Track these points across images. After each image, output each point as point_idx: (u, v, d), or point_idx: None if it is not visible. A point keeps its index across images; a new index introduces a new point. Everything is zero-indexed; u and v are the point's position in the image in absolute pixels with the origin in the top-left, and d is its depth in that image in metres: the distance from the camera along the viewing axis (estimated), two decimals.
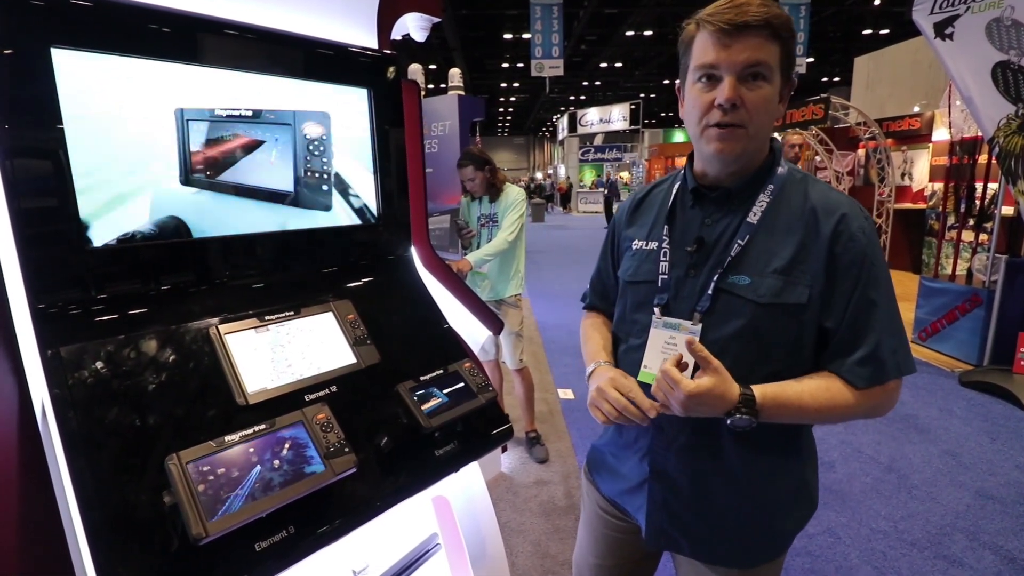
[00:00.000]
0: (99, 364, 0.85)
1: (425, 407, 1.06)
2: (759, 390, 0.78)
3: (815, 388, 0.81)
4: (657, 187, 1.03)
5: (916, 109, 7.61)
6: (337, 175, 1.19)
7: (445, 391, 1.12)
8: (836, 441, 2.84)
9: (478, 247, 2.79)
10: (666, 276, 0.91)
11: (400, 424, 1.05)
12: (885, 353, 0.80)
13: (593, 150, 21.41)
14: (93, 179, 0.86)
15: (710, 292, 0.85)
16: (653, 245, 0.95)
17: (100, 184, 0.87)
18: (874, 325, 0.80)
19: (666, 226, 0.94)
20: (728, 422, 0.78)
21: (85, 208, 0.85)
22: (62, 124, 0.82)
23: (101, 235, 0.88)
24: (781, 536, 0.93)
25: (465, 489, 1.35)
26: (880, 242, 0.85)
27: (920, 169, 7.13)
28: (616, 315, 1.04)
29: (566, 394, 3.54)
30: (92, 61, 0.85)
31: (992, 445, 2.80)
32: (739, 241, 0.84)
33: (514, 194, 2.72)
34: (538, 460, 2.74)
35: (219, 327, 1.00)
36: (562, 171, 23.67)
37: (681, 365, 0.80)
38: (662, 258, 0.92)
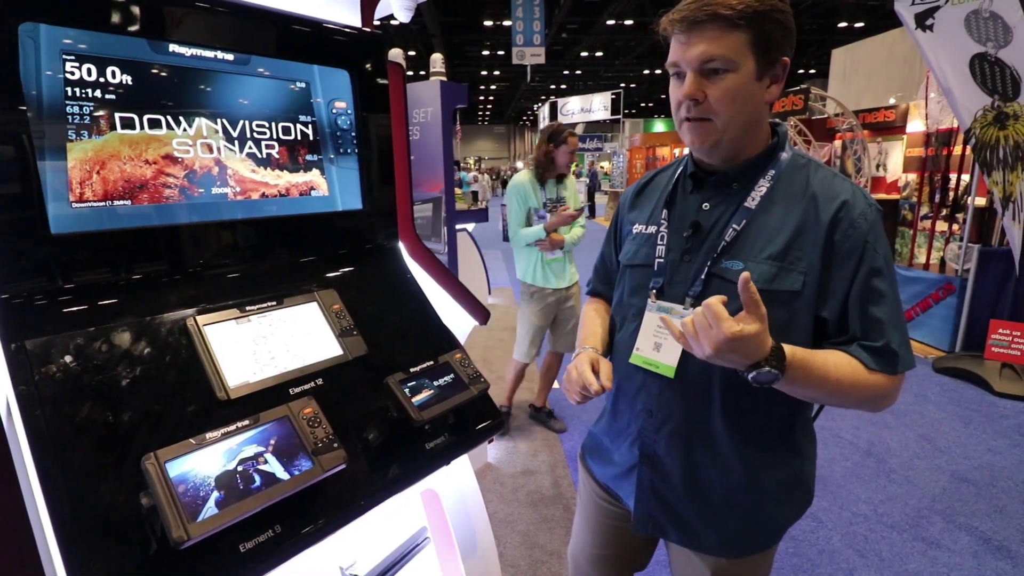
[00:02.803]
0: (68, 358, 0.80)
1: (416, 399, 1.03)
2: (789, 349, 0.74)
3: (839, 361, 0.78)
4: (661, 173, 1.02)
5: (891, 101, 7.74)
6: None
7: (436, 383, 1.08)
8: (815, 427, 2.89)
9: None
10: (662, 260, 0.90)
11: (390, 417, 1.02)
12: (897, 346, 0.79)
13: None
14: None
15: (703, 277, 0.84)
16: (652, 229, 0.94)
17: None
18: (884, 317, 0.78)
19: (665, 210, 0.93)
20: (751, 376, 0.73)
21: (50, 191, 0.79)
22: (24, 105, 0.75)
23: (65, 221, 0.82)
24: (771, 527, 0.92)
25: (454, 481, 1.32)
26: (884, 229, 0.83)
27: (894, 160, 7.26)
28: (615, 299, 1.03)
29: (557, 385, 3.54)
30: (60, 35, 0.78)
31: (965, 429, 2.88)
32: (734, 226, 0.83)
33: (574, 180, 2.77)
34: (559, 431, 2.89)
35: (197, 318, 0.94)
36: None
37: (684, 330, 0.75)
38: (659, 242, 0.91)
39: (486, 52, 19.43)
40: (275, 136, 1.06)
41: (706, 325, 0.69)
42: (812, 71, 21.14)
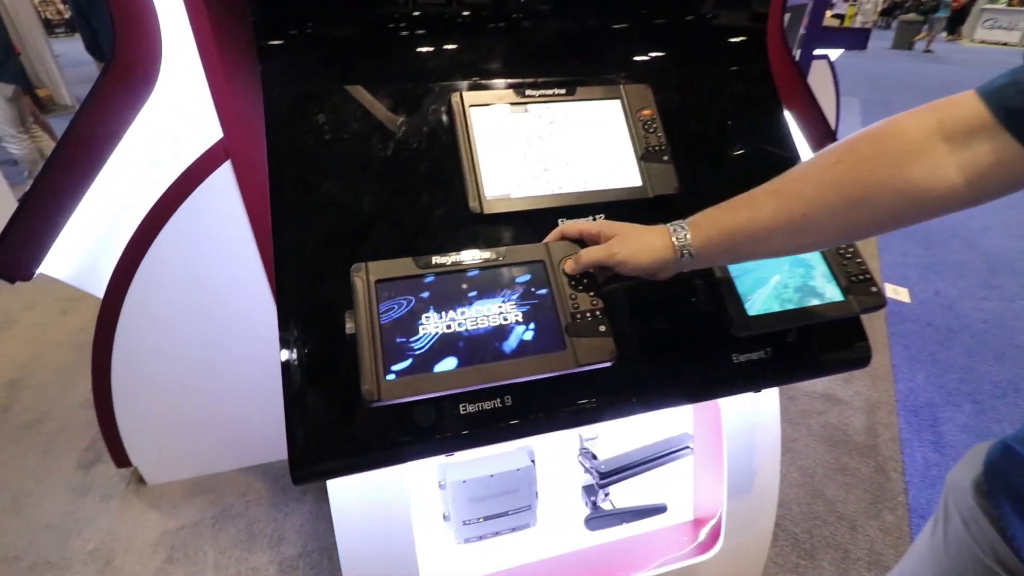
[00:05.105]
0: (321, 118, 0.64)
1: (751, 299, 0.61)
2: None
3: None
4: None
5: None
6: None
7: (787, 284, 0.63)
8: None
9: None
10: None
11: (700, 310, 0.64)
12: None
13: None
14: None
15: None
16: None
17: None
18: None
19: None
20: None
21: None
22: None
23: None
24: None
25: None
26: None
27: None
28: None
29: (897, 293, 2.57)
30: None
31: None
32: None
33: None
34: None
35: (463, 95, 0.68)
36: None
37: None
38: None
39: None
40: None
41: None
42: None
